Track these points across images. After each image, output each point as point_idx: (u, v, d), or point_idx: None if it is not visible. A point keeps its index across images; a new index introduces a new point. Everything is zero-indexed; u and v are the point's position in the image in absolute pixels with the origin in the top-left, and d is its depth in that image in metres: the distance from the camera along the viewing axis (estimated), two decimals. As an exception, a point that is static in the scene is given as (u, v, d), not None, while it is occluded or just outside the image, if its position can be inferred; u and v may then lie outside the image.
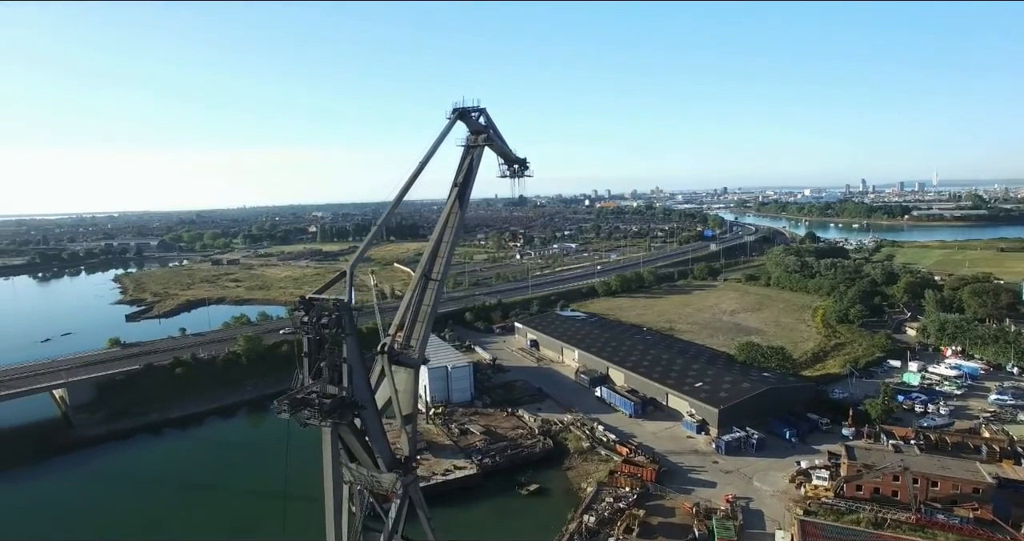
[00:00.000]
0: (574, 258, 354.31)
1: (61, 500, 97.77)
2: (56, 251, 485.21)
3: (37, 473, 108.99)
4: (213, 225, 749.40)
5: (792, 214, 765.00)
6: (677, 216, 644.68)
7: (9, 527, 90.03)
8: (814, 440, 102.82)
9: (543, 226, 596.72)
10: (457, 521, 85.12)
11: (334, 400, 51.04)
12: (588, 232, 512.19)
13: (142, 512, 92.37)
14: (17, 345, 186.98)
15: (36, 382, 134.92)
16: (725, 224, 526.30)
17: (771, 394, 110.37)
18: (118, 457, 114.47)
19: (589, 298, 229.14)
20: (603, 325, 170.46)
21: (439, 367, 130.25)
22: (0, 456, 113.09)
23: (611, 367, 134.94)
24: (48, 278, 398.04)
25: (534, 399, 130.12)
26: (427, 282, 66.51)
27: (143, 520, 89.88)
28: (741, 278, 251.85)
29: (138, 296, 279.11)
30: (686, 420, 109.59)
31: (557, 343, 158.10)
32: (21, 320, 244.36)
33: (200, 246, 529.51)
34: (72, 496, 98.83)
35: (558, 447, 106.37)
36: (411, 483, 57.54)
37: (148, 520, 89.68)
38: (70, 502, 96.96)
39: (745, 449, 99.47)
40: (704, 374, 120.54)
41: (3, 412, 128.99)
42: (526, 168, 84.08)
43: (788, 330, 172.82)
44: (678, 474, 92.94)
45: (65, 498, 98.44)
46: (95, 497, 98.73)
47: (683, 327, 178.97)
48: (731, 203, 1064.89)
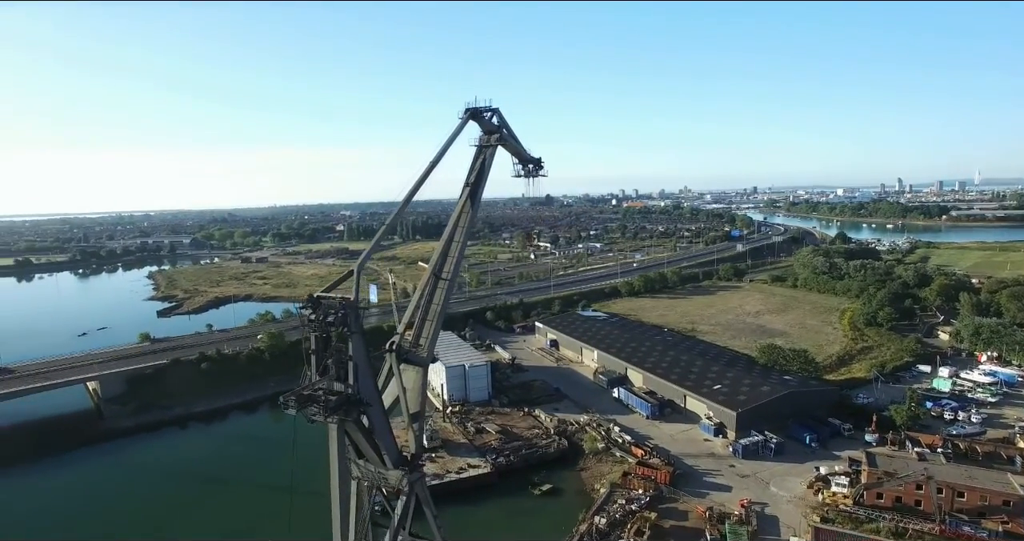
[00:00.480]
0: (599, 258, 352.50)
1: (88, 490, 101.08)
2: (95, 249, 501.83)
3: (69, 462, 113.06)
4: (244, 224, 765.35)
5: (823, 214, 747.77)
6: (704, 216, 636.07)
7: (38, 515, 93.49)
8: (835, 446, 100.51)
9: (569, 225, 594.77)
10: (469, 519, 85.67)
11: (340, 397, 51.76)
12: (614, 232, 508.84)
13: (163, 504, 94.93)
14: (56, 339, 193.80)
15: (71, 374, 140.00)
16: (753, 224, 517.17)
17: (791, 398, 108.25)
18: (144, 449, 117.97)
19: (612, 298, 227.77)
20: (623, 325, 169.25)
21: (456, 366, 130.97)
22: (36, 445, 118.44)
23: (629, 368, 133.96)
24: (87, 274, 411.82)
25: (551, 399, 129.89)
26: (437, 281, 66.89)
27: (163, 512, 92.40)
28: (767, 279, 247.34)
29: (169, 292, 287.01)
30: (704, 423, 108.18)
31: (576, 343, 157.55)
32: (61, 315, 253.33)
33: (231, 244, 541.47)
34: (98, 486, 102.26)
35: (573, 448, 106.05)
36: (417, 480, 57.97)
37: (168, 512, 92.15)
38: (96, 492, 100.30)
39: (763, 453, 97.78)
40: (723, 376, 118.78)
41: (41, 402, 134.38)
42: (540, 168, 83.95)
43: (813, 333, 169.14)
44: (693, 477, 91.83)
45: (92, 488, 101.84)
46: (120, 488, 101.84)
47: (705, 328, 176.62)
48: (760, 203, 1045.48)
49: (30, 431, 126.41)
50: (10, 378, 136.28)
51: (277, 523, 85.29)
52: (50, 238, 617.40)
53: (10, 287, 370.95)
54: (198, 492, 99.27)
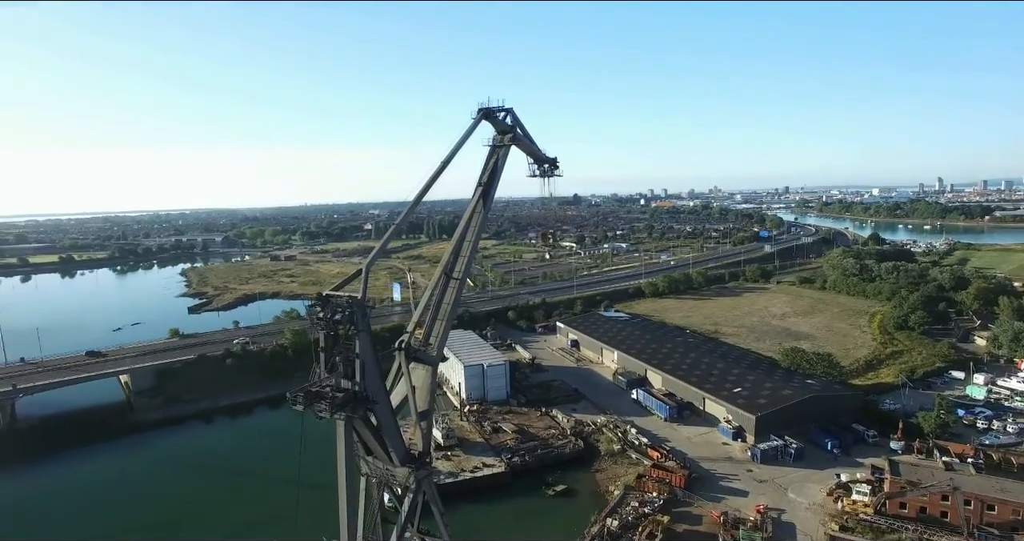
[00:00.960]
0: (624, 258, 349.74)
1: (115, 481, 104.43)
2: (133, 246, 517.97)
3: (102, 451, 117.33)
4: (275, 222, 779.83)
5: (857, 215, 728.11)
6: (733, 216, 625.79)
7: (67, 503, 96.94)
8: (858, 452, 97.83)
9: (595, 225, 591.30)
10: (482, 518, 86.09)
11: (346, 394, 52.50)
12: (640, 232, 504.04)
13: (184, 495, 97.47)
14: (93, 333, 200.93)
15: (105, 368, 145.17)
16: (783, 225, 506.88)
17: (813, 402, 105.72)
18: (171, 441, 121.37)
19: (635, 299, 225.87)
20: (644, 326, 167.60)
21: (475, 365, 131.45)
22: (73, 435, 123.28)
23: (649, 369, 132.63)
24: (125, 271, 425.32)
25: (570, 399, 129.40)
26: (448, 280, 67.23)
27: (184, 504, 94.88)
28: (795, 281, 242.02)
29: (200, 289, 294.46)
30: (722, 426, 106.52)
31: (597, 344, 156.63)
32: (99, 310, 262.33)
33: (261, 242, 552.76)
34: (125, 477, 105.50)
35: (589, 448, 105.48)
36: (424, 478, 58.43)
37: (188, 504, 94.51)
38: (122, 483, 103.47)
39: (782, 458, 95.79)
40: (744, 379, 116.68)
41: (77, 394, 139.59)
42: (556, 167, 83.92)
43: (841, 336, 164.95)
44: (709, 481, 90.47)
45: (119, 479, 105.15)
46: (145, 479, 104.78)
47: (729, 330, 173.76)
48: (792, 203, 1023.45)
49: (67, 421, 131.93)
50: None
51: (292, 517, 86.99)
52: (92, 236, 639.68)
53: (54, 283, 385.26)
54: (219, 484, 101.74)
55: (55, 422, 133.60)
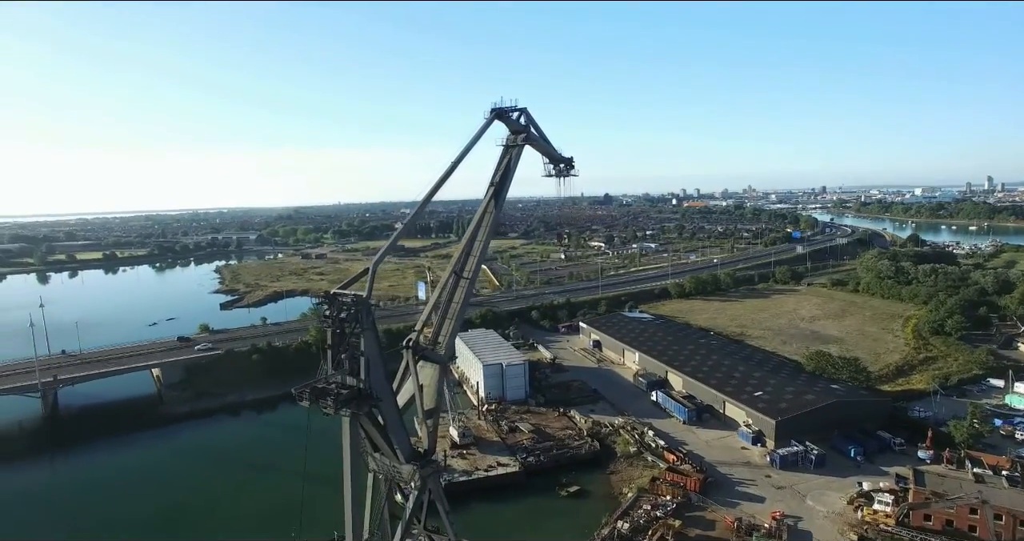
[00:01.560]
0: (652, 258, 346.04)
1: (142, 470, 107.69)
2: (171, 244, 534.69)
3: (134, 442, 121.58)
4: (308, 221, 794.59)
5: (897, 215, 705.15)
6: (767, 216, 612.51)
7: (93, 491, 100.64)
8: (883, 461, 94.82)
9: (625, 225, 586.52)
10: (493, 517, 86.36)
11: (351, 391, 53.33)
12: (670, 232, 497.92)
13: (204, 487, 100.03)
14: (130, 327, 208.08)
15: (138, 361, 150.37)
16: (818, 225, 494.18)
17: (837, 408, 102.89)
18: (197, 434, 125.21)
19: (661, 300, 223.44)
20: (667, 328, 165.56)
21: (494, 364, 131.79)
22: (106, 425, 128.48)
23: (670, 371, 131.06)
24: (163, 268, 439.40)
25: (589, 400, 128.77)
26: (458, 280, 67.56)
27: (204, 494, 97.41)
28: (827, 283, 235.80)
29: (233, 286, 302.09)
30: (742, 430, 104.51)
31: (619, 345, 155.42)
32: (137, 305, 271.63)
33: (293, 241, 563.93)
34: (151, 467, 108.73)
35: (606, 450, 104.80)
36: (430, 476, 58.87)
37: (208, 495, 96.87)
38: (148, 473, 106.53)
39: (802, 464, 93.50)
40: (766, 383, 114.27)
41: (111, 386, 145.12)
42: (571, 167, 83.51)
43: (871, 340, 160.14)
44: (726, 486, 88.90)
45: (145, 468, 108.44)
46: (169, 470, 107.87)
47: (755, 333, 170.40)
48: (828, 203, 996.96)
49: (104, 411, 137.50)
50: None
51: (310, 510, 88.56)
52: (134, 234, 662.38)
53: (97, 278, 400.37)
54: (240, 476, 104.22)
55: (92, 412, 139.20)
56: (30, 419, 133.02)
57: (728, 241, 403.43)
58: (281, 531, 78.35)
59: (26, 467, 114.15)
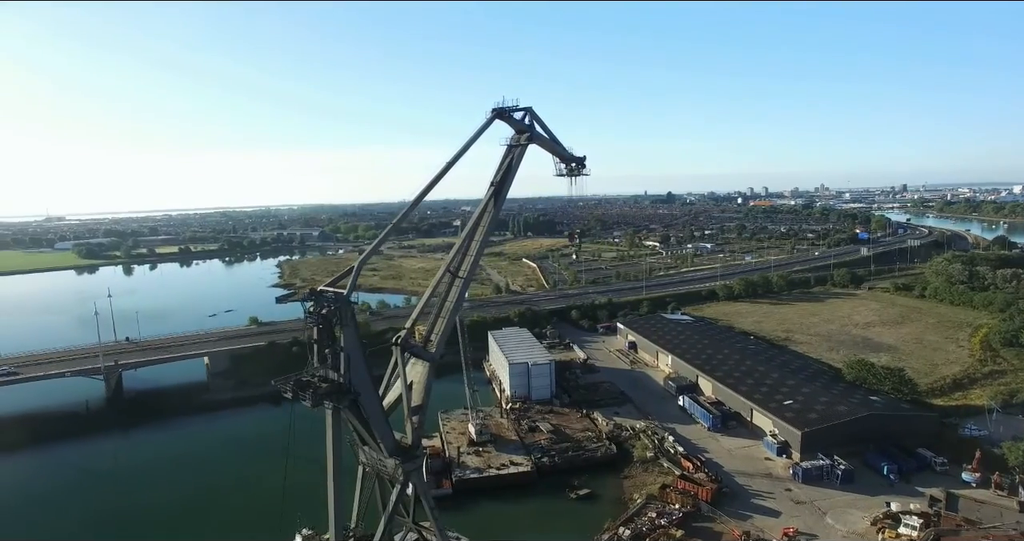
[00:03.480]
0: (706, 259, 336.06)
1: (181, 454, 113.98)
2: (240, 239, 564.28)
3: (181, 426, 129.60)
4: (371, 218, 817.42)
5: (987, 215, 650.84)
6: (836, 216, 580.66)
7: (138, 471, 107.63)
8: (921, 481, 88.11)
9: (684, 225, 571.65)
10: (498, 515, 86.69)
11: (330, 385, 55.03)
12: (730, 232, 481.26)
13: (237, 472, 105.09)
14: (193, 317, 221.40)
15: (191, 349, 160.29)
16: (891, 226, 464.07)
17: (873, 421, 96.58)
18: (237, 420, 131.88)
19: (708, 301, 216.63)
20: (706, 330, 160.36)
21: (520, 363, 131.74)
22: (160, 408, 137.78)
23: (701, 376, 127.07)
24: (232, 262, 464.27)
25: (615, 402, 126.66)
26: (454, 279, 68.12)
27: (238, 478, 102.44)
28: (889, 287, 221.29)
29: (290, 281, 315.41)
30: (767, 440, 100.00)
31: (653, 347, 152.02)
32: (202, 297, 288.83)
33: (354, 237, 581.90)
34: (190, 451, 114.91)
35: (623, 453, 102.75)
36: (413, 471, 59.80)
37: (239, 482, 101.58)
38: (186, 457, 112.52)
39: (827, 479, 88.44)
40: (798, 391, 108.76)
41: (171, 372, 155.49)
42: (583, 166, 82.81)
43: (930, 350, 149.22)
44: (740, 497, 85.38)
45: (185, 452, 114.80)
46: (208, 454, 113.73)
47: (801, 338, 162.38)
48: (908, 202, 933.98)
49: (160, 395, 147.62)
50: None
51: (315, 498, 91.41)
52: (209, 229, 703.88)
53: (172, 271, 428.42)
54: (269, 464, 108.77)
55: (150, 395, 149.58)
56: (95, 399, 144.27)
57: (789, 242, 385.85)
58: (306, 515, 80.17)
59: (85, 443, 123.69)
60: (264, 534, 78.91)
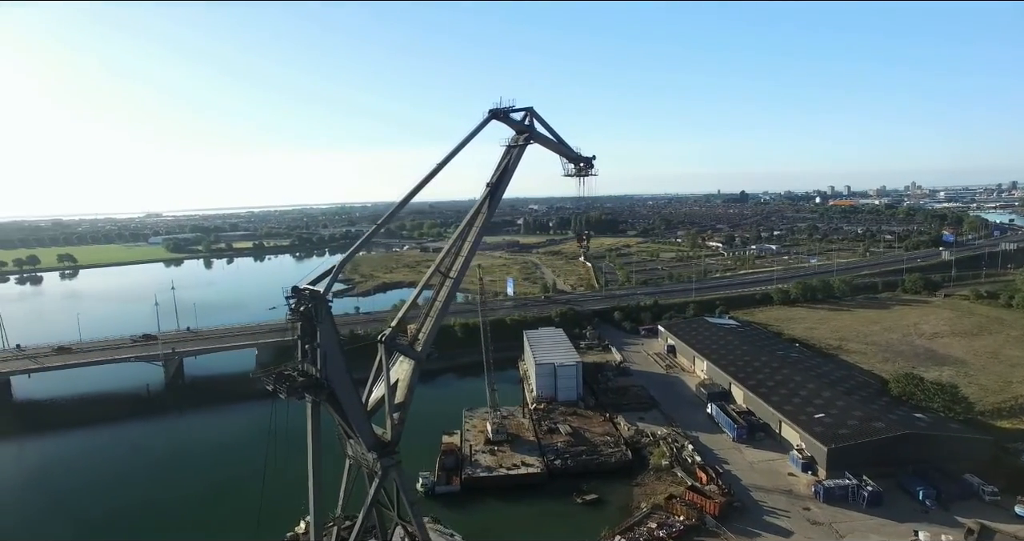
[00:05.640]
0: (770, 260, 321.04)
1: (220, 439, 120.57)
2: (310, 235, 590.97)
3: (224, 413, 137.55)
4: (438, 215, 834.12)
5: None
6: (923, 216, 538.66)
7: (180, 456, 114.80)
8: (963, 510, 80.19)
9: (753, 225, 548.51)
10: (500, 515, 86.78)
11: (306, 379, 56.83)
12: (801, 232, 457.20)
13: (266, 463, 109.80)
14: (255, 310, 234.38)
15: (245, 340, 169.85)
16: (987, 227, 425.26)
17: (913, 440, 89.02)
18: (273, 410, 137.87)
19: (761, 305, 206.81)
20: (747, 336, 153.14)
21: (546, 364, 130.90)
22: (210, 395, 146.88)
23: (733, 383, 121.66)
24: (302, 257, 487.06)
25: (642, 407, 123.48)
26: (444, 279, 68.60)
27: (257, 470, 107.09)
28: (969, 295, 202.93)
29: (349, 276, 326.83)
30: (793, 454, 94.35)
31: (691, 351, 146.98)
32: (266, 290, 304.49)
33: (418, 234, 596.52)
34: (227, 436, 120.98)
35: (640, 460, 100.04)
36: (390, 466, 60.67)
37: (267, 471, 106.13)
38: (221, 443, 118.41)
39: (852, 500, 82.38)
40: (832, 404, 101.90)
41: (227, 361, 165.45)
42: (591, 166, 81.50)
43: (1007, 366, 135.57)
44: (752, 513, 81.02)
45: (221, 438, 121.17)
46: (236, 442, 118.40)
47: (854, 347, 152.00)
48: (1016, 201, 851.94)
49: (213, 383, 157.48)
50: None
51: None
52: (284, 225, 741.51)
53: (246, 265, 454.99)
54: (299, 452, 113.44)
55: (205, 382, 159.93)
56: (155, 383, 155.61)
57: (863, 244, 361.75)
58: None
59: (142, 425, 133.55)
60: (278, 518, 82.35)
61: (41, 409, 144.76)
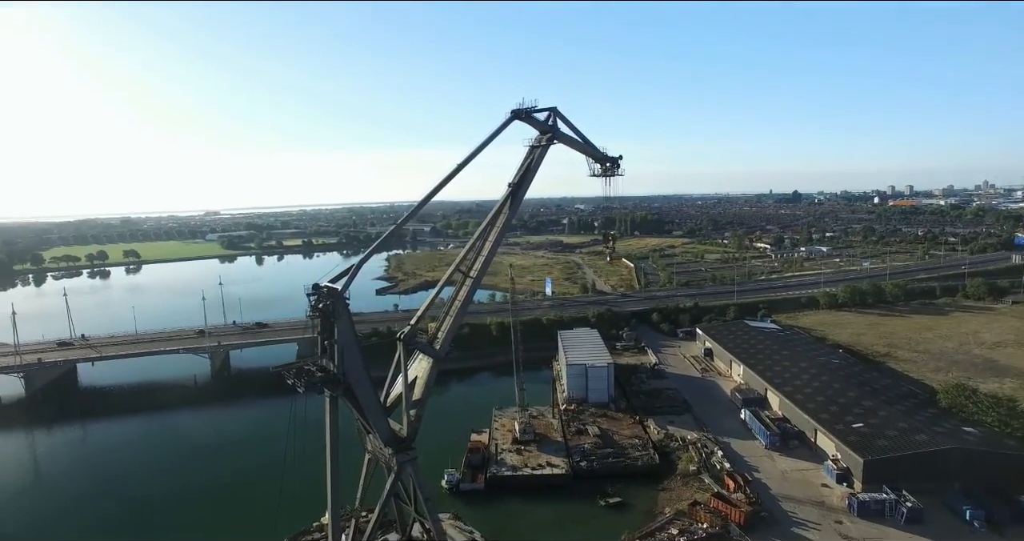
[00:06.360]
0: (819, 262, 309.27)
1: (257, 429, 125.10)
2: (356, 233, 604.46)
3: (260, 405, 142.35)
4: (483, 214, 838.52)
5: None
6: (993, 217, 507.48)
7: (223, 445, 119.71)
8: (1017, 535, 75.24)
9: (804, 226, 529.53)
10: (521, 515, 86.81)
11: (324, 375, 58.36)
12: (855, 234, 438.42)
13: (285, 456, 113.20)
14: (298, 305, 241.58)
15: (287, 335, 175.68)
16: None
17: (961, 456, 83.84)
18: (309, 404, 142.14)
19: (806, 309, 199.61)
20: (788, 341, 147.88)
21: (577, 365, 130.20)
22: (253, 388, 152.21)
23: (770, 389, 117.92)
24: (348, 255, 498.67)
25: (674, 411, 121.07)
26: (464, 279, 69.13)
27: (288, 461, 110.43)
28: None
29: (393, 274, 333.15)
30: (827, 465, 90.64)
31: (728, 355, 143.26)
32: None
33: (464, 233, 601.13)
34: (261, 432, 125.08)
35: (667, 464, 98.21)
36: (406, 461, 61.65)
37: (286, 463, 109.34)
38: (255, 437, 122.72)
39: (890, 516, 78.45)
40: (873, 413, 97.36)
41: (270, 354, 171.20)
42: (617, 166, 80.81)
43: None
44: (780, 525, 78.28)
45: (258, 429, 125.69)
46: (272, 434, 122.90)
47: (904, 355, 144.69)
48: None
49: (256, 375, 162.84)
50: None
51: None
52: (333, 224, 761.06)
53: (295, 262, 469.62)
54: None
55: (249, 375, 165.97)
56: (202, 375, 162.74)
57: (922, 246, 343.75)
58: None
59: (188, 414, 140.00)
60: (308, 508, 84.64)
61: (102, 395, 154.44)
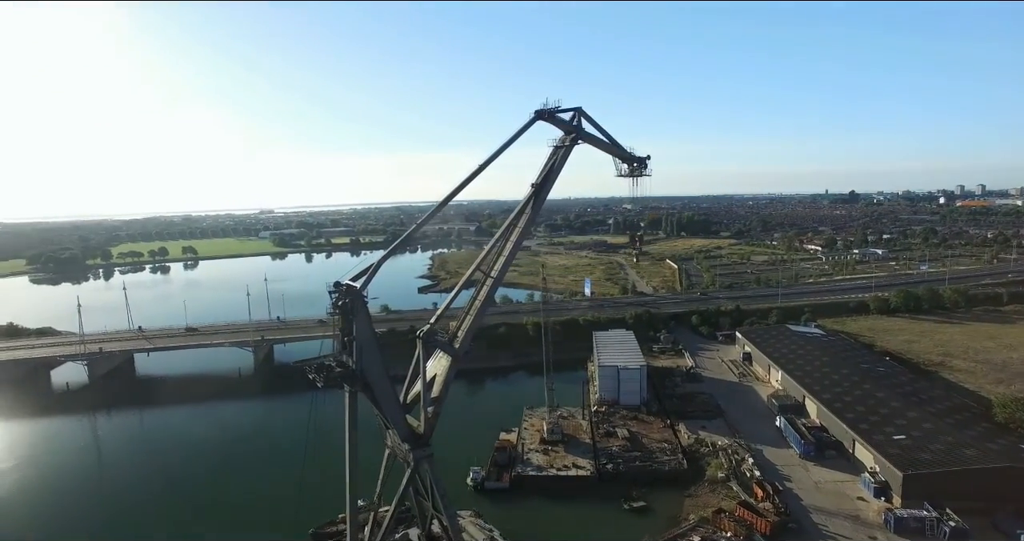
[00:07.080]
0: (874, 265, 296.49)
1: (286, 421, 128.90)
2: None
3: (296, 399, 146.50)
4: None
5: None
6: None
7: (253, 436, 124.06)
8: (1073, 557, 70.73)
9: (859, 227, 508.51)
10: (541, 514, 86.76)
11: (343, 370, 59.94)
12: (915, 236, 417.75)
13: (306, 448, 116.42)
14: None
15: (328, 331, 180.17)
16: None
17: (1016, 476, 79.16)
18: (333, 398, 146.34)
19: (855, 314, 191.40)
20: (832, 347, 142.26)
21: (610, 366, 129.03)
22: (293, 381, 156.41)
23: (808, 396, 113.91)
24: (394, 253, 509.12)
25: (707, 416, 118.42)
26: (485, 278, 69.74)
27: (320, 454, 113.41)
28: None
29: (436, 273, 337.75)
30: (864, 477, 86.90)
31: (766, 360, 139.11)
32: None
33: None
34: (287, 427, 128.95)
35: (696, 470, 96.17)
36: (422, 458, 62.62)
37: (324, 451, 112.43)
38: (292, 429, 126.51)
39: (929, 535, 74.56)
40: (918, 425, 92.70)
41: (312, 348, 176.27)
42: (645, 166, 79.89)
43: None
44: (808, 537, 75.34)
45: (293, 425, 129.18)
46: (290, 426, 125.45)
47: (960, 365, 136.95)
48: None
49: (296, 370, 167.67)
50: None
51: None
52: (381, 222, 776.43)
53: (342, 259, 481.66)
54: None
55: (290, 368, 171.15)
56: (246, 368, 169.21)
57: (991, 249, 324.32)
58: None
59: (232, 404, 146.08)
60: (332, 500, 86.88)
61: (156, 384, 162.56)
